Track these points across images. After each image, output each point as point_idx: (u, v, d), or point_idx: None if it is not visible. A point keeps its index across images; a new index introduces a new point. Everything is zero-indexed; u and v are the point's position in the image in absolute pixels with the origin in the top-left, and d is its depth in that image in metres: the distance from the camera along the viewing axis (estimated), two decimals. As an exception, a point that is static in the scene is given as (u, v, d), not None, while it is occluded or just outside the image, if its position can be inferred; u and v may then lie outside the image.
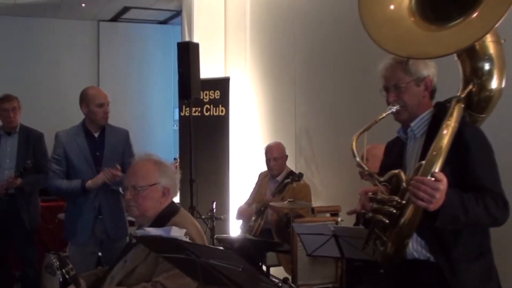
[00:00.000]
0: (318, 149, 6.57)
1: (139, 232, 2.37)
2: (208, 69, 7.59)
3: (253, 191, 6.19)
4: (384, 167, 2.78)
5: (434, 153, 2.37)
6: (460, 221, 2.36)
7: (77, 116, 4.78)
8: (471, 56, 2.62)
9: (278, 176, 5.87)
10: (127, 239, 5.02)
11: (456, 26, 2.41)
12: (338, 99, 6.21)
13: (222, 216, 5.64)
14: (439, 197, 2.26)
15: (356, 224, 4.70)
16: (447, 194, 2.29)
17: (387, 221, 2.44)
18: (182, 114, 7.76)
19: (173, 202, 3.21)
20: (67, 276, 2.65)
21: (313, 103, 6.62)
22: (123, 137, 4.89)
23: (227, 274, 2.22)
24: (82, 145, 4.69)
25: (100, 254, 4.84)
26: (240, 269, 2.03)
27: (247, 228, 5.77)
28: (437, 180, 2.27)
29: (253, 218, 5.75)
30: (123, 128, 4.96)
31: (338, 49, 6.19)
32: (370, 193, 2.54)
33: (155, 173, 3.12)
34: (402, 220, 2.41)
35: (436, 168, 2.33)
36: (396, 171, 2.49)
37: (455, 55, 2.63)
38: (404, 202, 2.40)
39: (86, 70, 10.12)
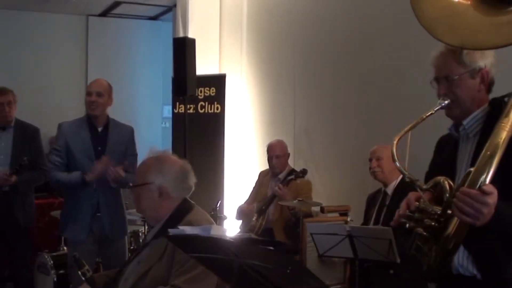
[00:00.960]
0: (317, 148, 6.48)
1: (173, 231, 2.22)
2: (202, 66, 7.45)
3: (253, 190, 6.09)
4: (434, 167, 2.55)
5: (484, 161, 2.07)
6: (510, 237, 2.12)
7: (64, 111, 4.67)
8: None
9: (280, 174, 5.77)
10: (126, 238, 4.92)
11: None
12: (339, 97, 6.14)
13: (223, 215, 5.52)
14: (487, 212, 1.98)
15: (364, 224, 4.64)
16: (497, 207, 2.00)
17: (425, 234, 2.21)
18: (176, 111, 7.64)
19: (186, 199, 3.04)
20: (83, 278, 2.49)
21: (313, 101, 6.53)
22: (127, 133, 4.77)
23: (268, 276, 2.09)
24: (85, 138, 4.57)
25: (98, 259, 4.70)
26: (288, 270, 1.89)
27: (248, 227, 5.65)
28: (485, 193, 1.98)
29: (254, 217, 5.64)
30: (128, 125, 4.84)
31: (339, 46, 6.12)
32: (412, 200, 2.30)
33: (151, 172, 2.95)
34: (445, 234, 2.16)
35: (486, 179, 2.03)
36: (441, 178, 2.22)
37: None
38: (447, 214, 2.15)
39: (74, 65, 9.94)
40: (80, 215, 4.51)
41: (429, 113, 2.36)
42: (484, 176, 2.03)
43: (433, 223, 2.18)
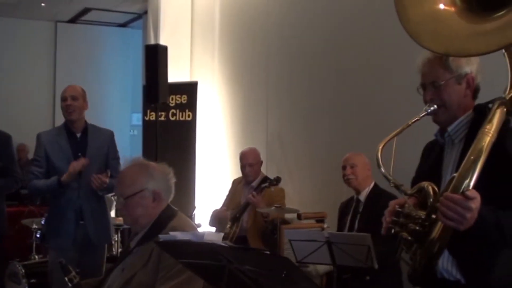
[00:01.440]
0: (290, 155, 6.51)
1: (163, 237, 2.21)
2: (173, 73, 7.42)
3: (226, 198, 6.07)
4: (420, 173, 2.55)
5: (467, 166, 2.09)
6: (493, 241, 2.14)
7: (32, 119, 4.62)
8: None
9: (253, 182, 5.77)
10: (105, 246, 4.87)
11: (502, 18, 2.05)
12: (312, 104, 6.18)
13: (196, 223, 5.50)
14: (470, 217, 2.00)
15: (338, 231, 4.66)
16: (481, 212, 2.03)
17: (410, 238, 2.22)
18: (147, 118, 7.61)
19: (169, 205, 3.02)
20: (69, 284, 2.45)
21: (285, 108, 6.57)
22: (107, 137, 4.72)
23: (260, 280, 2.10)
24: (64, 145, 4.53)
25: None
26: (283, 274, 1.90)
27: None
28: (468, 198, 2.00)
29: (228, 225, 5.63)
30: (107, 129, 4.81)
31: (312, 52, 6.17)
32: (397, 206, 2.28)
33: (140, 179, 2.91)
34: (430, 238, 2.17)
35: (469, 184, 2.05)
36: (425, 184, 2.26)
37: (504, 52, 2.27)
38: (432, 218, 2.17)
39: (42, 72, 9.87)
40: (64, 223, 4.46)
41: (415, 119, 2.36)
42: (467, 181, 2.05)
43: (417, 228, 2.19)
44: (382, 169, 2.31)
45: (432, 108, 2.36)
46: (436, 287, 2.38)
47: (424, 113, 2.37)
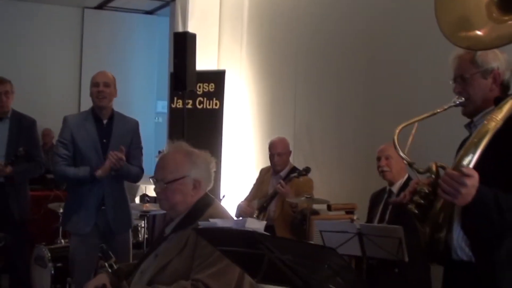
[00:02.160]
0: (318, 145, 6.47)
1: (203, 224, 2.18)
2: (201, 61, 7.39)
3: (253, 187, 6.05)
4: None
5: (469, 147, 2.30)
6: (493, 220, 2.24)
7: (58, 104, 4.62)
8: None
9: (282, 171, 5.74)
10: (130, 232, 4.87)
11: None
12: (341, 94, 6.13)
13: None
14: (465, 192, 2.16)
15: (368, 222, 4.62)
16: (479, 190, 2.19)
17: (415, 211, 2.43)
18: (173, 106, 7.59)
19: (207, 193, 3.01)
20: (110, 270, 2.43)
21: (314, 98, 6.52)
22: (132, 126, 4.74)
23: (300, 270, 2.07)
24: (91, 130, 4.54)
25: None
26: (326, 265, 1.86)
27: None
28: (464, 174, 2.16)
29: (255, 214, 5.61)
30: (133, 118, 4.83)
31: (342, 44, 6.12)
32: (415, 184, 2.50)
33: (184, 165, 2.90)
34: (432, 212, 2.40)
35: (470, 163, 2.24)
36: (432, 163, 2.40)
37: None
38: (435, 194, 2.36)
39: (69, 57, 9.90)
40: (85, 208, 4.46)
41: (441, 110, 2.55)
42: (467, 160, 2.25)
43: (422, 201, 2.40)
44: (398, 149, 2.48)
45: (459, 100, 2.55)
46: (453, 271, 2.55)
47: (451, 104, 2.56)
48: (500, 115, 2.33)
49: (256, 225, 2.01)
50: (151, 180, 3.01)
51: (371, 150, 5.02)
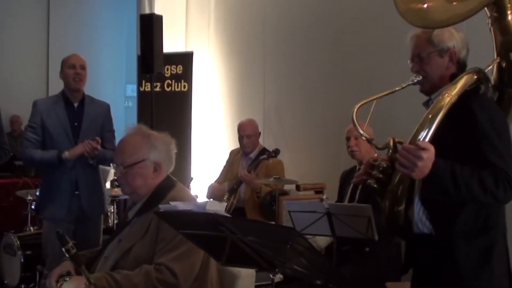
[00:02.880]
0: (287, 126, 6.45)
1: (163, 207, 2.14)
2: (168, 43, 7.30)
3: (223, 169, 6.02)
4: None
5: (424, 122, 2.39)
6: (450, 193, 2.31)
7: (25, 90, 4.53)
8: (500, 29, 2.57)
9: (251, 153, 5.71)
10: (102, 217, 4.84)
11: None
12: (309, 74, 6.11)
13: (195, 194, 5.45)
14: (421, 165, 2.24)
15: (338, 201, 4.62)
16: (435, 163, 2.27)
17: (375, 186, 2.49)
18: (142, 89, 7.51)
19: (169, 176, 2.98)
20: (67, 255, 2.38)
21: (283, 78, 6.49)
22: (103, 109, 4.68)
23: (263, 251, 2.04)
24: (61, 114, 4.47)
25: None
26: (288, 246, 1.84)
27: (219, 206, 5.57)
28: (420, 148, 2.24)
29: (226, 196, 5.58)
30: (104, 101, 4.76)
31: (310, 22, 6.08)
32: (370, 159, 2.59)
33: (143, 148, 2.86)
34: (390, 186, 2.47)
35: (426, 137, 2.34)
36: (390, 138, 2.51)
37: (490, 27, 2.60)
38: (392, 168, 2.44)
39: (35, 41, 9.69)
40: (59, 194, 4.43)
41: (400, 87, 2.63)
42: (423, 134, 2.35)
43: (380, 176, 2.48)
44: (357, 126, 2.61)
45: (417, 79, 2.62)
46: (415, 244, 2.61)
47: (409, 83, 2.63)
48: (454, 90, 2.41)
49: (217, 207, 1.98)
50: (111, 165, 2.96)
51: (340, 130, 4.99)
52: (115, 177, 7.15)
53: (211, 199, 5.85)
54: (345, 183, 4.62)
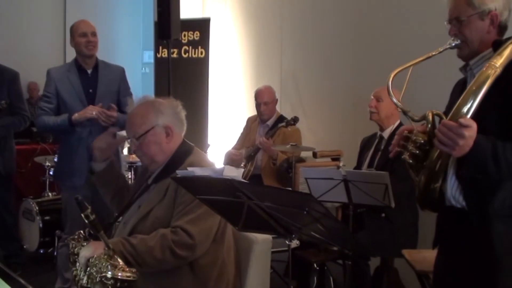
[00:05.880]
0: (305, 93, 6.42)
1: (181, 173, 2.15)
2: (185, 9, 7.25)
3: (241, 136, 6.00)
4: (447, 108, 2.55)
5: (467, 96, 2.22)
6: (490, 172, 2.18)
7: (42, 57, 4.49)
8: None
9: (268, 120, 5.69)
10: None
11: None
12: (327, 41, 6.05)
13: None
14: (463, 144, 2.10)
15: (357, 167, 4.61)
16: (477, 141, 2.12)
17: (411, 161, 2.37)
18: (159, 55, 7.50)
19: (185, 141, 2.99)
20: (86, 221, 2.40)
21: (301, 45, 6.43)
22: (118, 73, 4.63)
23: (280, 217, 2.04)
24: (75, 81, 4.44)
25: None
26: (305, 211, 1.84)
27: (236, 173, 5.58)
28: (462, 125, 2.10)
29: (243, 163, 5.58)
30: (118, 65, 4.71)
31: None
32: (405, 131, 2.42)
33: (150, 116, 2.87)
34: (427, 162, 2.33)
35: (469, 112, 2.19)
36: (428, 111, 2.34)
37: None
38: (431, 143, 2.30)
39: (51, 8, 9.67)
40: (76, 161, 4.41)
41: (436, 52, 2.43)
42: (465, 110, 2.19)
43: (417, 152, 2.35)
44: (394, 99, 2.41)
45: (455, 43, 2.43)
46: (445, 215, 2.51)
47: (447, 46, 2.44)
48: (499, 61, 2.24)
49: (234, 173, 1.97)
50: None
51: (359, 98, 4.97)
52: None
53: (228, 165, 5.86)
54: (365, 148, 4.61)
